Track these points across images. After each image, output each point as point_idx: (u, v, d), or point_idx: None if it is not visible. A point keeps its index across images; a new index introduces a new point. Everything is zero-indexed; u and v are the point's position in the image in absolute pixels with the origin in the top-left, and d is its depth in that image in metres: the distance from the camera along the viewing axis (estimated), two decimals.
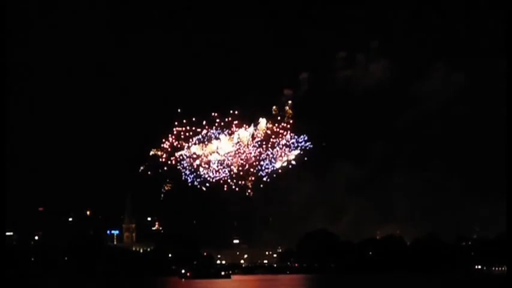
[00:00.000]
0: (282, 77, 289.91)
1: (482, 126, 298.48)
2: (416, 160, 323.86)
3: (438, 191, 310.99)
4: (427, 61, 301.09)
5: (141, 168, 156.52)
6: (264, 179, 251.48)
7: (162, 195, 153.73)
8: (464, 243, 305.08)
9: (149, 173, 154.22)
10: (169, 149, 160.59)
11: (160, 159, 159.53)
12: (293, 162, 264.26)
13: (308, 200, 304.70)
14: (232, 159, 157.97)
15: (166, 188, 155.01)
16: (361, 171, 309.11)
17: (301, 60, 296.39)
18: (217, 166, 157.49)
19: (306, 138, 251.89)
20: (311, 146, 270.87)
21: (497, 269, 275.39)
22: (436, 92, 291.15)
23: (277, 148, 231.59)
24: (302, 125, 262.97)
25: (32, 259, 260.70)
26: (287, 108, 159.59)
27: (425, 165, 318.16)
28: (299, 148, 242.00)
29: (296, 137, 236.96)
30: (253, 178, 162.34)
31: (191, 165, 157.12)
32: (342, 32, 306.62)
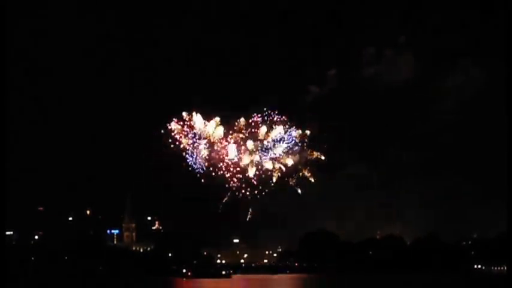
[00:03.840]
0: (308, 74, 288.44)
1: (486, 128, 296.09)
2: (426, 166, 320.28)
3: (439, 191, 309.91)
4: (451, 59, 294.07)
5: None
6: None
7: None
8: (464, 243, 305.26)
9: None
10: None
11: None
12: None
13: (313, 200, 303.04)
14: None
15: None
16: (370, 172, 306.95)
17: (328, 56, 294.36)
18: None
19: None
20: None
21: (497, 268, 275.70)
22: (455, 92, 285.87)
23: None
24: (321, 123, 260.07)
25: (32, 259, 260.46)
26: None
27: (433, 171, 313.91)
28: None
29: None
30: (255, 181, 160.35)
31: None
32: (371, 27, 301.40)
